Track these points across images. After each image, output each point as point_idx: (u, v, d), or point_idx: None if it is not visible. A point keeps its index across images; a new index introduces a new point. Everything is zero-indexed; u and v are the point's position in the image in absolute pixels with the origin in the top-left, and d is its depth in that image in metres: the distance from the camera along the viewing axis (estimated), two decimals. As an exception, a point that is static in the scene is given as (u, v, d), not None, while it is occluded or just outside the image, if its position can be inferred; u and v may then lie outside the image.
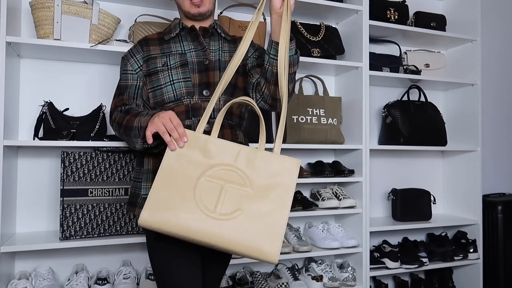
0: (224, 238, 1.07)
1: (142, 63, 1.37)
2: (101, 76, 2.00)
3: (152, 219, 1.09)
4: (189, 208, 1.09)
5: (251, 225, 1.08)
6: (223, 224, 1.08)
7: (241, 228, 1.08)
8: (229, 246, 1.07)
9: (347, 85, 2.36)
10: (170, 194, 1.10)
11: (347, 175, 2.20)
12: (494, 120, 3.06)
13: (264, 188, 1.11)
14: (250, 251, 1.08)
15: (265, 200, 1.11)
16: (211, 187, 1.11)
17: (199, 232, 1.07)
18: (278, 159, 1.14)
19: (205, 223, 1.07)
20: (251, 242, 1.07)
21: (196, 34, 1.40)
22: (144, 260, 2.03)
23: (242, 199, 1.10)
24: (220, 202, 1.10)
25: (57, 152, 1.91)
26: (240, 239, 1.07)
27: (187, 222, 1.08)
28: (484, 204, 2.65)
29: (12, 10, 1.72)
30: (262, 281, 2.02)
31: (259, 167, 1.13)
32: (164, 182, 1.12)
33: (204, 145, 1.14)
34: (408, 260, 2.29)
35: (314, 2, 2.13)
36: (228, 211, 1.09)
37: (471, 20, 2.60)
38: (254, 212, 1.09)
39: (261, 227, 1.08)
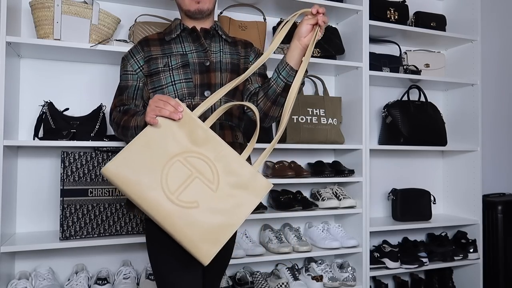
0: (171, 221, 1.09)
1: (142, 64, 1.37)
2: (101, 76, 2.00)
3: (115, 172, 1.10)
4: (152, 179, 1.10)
5: (200, 221, 1.09)
6: (176, 208, 1.09)
7: (190, 220, 1.09)
8: (172, 229, 1.09)
9: (347, 85, 2.36)
10: (141, 158, 1.11)
11: (347, 175, 2.20)
12: (494, 120, 3.06)
13: (227, 193, 1.12)
14: (187, 242, 1.09)
15: (223, 205, 1.11)
16: (181, 170, 1.11)
17: (151, 205, 1.09)
18: (253, 174, 1.15)
19: (161, 200, 1.09)
20: (192, 236, 1.09)
21: (197, 35, 1.39)
22: (144, 260, 2.03)
23: (203, 194, 1.11)
24: (183, 188, 1.10)
25: (57, 152, 1.91)
26: (184, 229, 1.09)
27: (145, 190, 1.09)
28: (484, 204, 2.65)
29: (12, 10, 1.72)
30: (262, 281, 2.02)
31: (233, 172, 1.14)
32: (141, 145, 1.13)
33: (194, 129, 1.15)
34: (408, 260, 2.29)
35: (314, 2, 2.13)
36: (186, 199, 1.10)
37: (471, 20, 2.60)
38: (209, 210, 1.10)
39: (208, 227, 1.10)
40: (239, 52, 1.46)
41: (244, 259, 1.95)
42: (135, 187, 1.10)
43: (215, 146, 1.15)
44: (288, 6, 2.18)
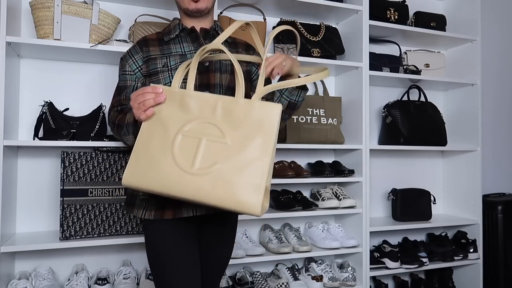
0: (204, 193, 1.05)
1: (141, 64, 1.37)
2: (101, 76, 2.00)
3: (133, 179, 1.10)
4: (167, 165, 1.08)
5: (229, 177, 1.05)
6: (201, 179, 1.05)
7: (220, 182, 1.05)
8: (210, 200, 1.05)
9: (347, 85, 2.36)
10: (149, 153, 1.10)
11: (347, 175, 2.20)
12: (494, 120, 3.06)
13: (242, 138, 1.08)
14: (231, 204, 1.04)
15: (244, 151, 1.07)
16: (189, 143, 1.09)
17: (178, 188, 1.06)
18: (257, 106, 1.10)
19: (184, 179, 1.06)
20: (231, 195, 1.04)
21: (196, 36, 1.39)
22: (144, 260, 2.03)
23: (220, 152, 1.07)
24: (198, 157, 1.07)
25: (57, 152, 1.91)
26: (219, 193, 1.04)
27: (166, 179, 1.07)
28: (484, 204, 2.65)
29: (12, 10, 1.72)
30: (262, 281, 2.02)
31: (238, 117, 1.09)
32: (143, 142, 1.12)
33: (180, 99, 1.13)
34: (408, 260, 2.29)
35: (314, 2, 2.13)
36: (205, 166, 1.06)
37: (471, 20, 2.60)
38: (233, 163, 1.06)
39: (242, 179, 1.04)
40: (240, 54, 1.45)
41: (244, 259, 1.95)
42: (157, 182, 1.08)
43: (206, 103, 1.12)
44: (288, 6, 2.18)
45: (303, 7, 2.20)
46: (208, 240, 1.41)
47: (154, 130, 1.12)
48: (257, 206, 1.03)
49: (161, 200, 1.29)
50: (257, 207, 1.03)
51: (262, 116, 1.09)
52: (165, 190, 1.07)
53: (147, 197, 1.30)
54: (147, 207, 1.31)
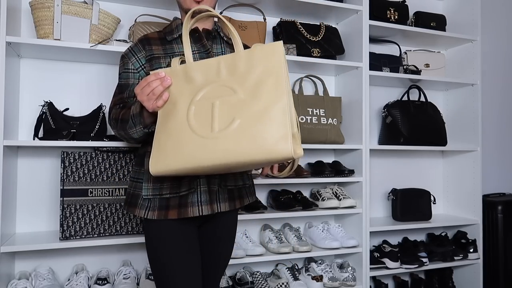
0: (232, 153, 1.01)
1: (144, 62, 1.36)
2: (101, 76, 2.00)
3: (160, 165, 1.09)
4: (187, 139, 1.06)
5: (253, 128, 1.01)
6: (225, 140, 1.02)
7: (245, 136, 1.01)
8: (240, 158, 1.01)
9: (347, 85, 2.36)
10: (168, 135, 1.09)
11: (347, 175, 2.20)
12: (494, 120, 3.06)
13: (253, 86, 1.05)
14: (262, 154, 1.00)
15: (259, 98, 1.03)
16: (203, 110, 1.07)
17: (208, 158, 1.03)
18: (258, 50, 1.07)
19: (207, 146, 1.03)
20: (260, 146, 0.99)
21: (199, 36, 1.38)
22: (144, 260, 2.03)
23: (235, 107, 1.04)
24: (215, 120, 1.05)
25: (57, 152, 1.91)
26: (247, 148, 1.00)
27: (191, 153, 1.05)
28: (484, 204, 2.65)
29: (12, 10, 1.72)
30: (262, 281, 2.02)
31: (243, 69, 1.07)
32: (161, 126, 1.12)
33: (184, 74, 1.13)
34: (408, 260, 2.29)
35: (314, 2, 2.13)
36: (225, 125, 1.03)
37: (471, 20, 2.60)
38: (251, 114, 1.02)
39: (265, 126, 1.00)
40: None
41: (244, 259, 1.95)
42: (183, 159, 1.05)
43: (210, 68, 1.11)
44: (288, 6, 2.18)
45: (303, 7, 2.20)
46: (209, 240, 1.41)
47: (168, 111, 1.11)
48: (289, 150, 0.98)
49: (164, 200, 1.29)
50: (289, 151, 0.98)
51: (266, 58, 1.05)
52: (194, 164, 1.04)
53: (150, 197, 1.30)
54: (150, 206, 1.30)
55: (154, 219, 1.30)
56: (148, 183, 1.32)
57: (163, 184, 1.30)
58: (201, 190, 1.29)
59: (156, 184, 1.30)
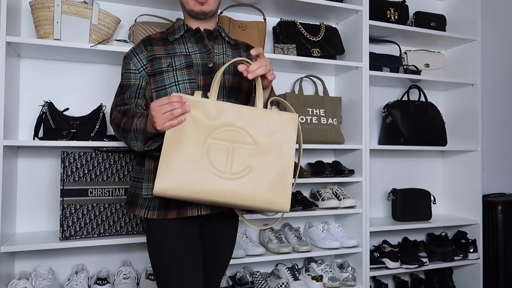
0: (238, 195, 1.13)
1: (145, 63, 1.36)
2: (101, 76, 2.00)
3: (166, 187, 1.12)
4: (201, 171, 1.13)
5: (261, 180, 1.15)
6: (235, 182, 1.13)
7: (253, 184, 1.14)
8: (244, 202, 1.14)
9: (347, 85, 2.36)
10: (180, 160, 1.13)
11: (347, 175, 2.20)
12: (494, 120, 3.06)
13: (267, 144, 1.17)
14: (263, 204, 1.15)
15: (269, 156, 1.17)
16: (219, 148, 1.15)
17: (214, 193, 1.13)
18: (276, 115, 1.20)
19: (219, 183, 1.13)
20: (263, 196, 1.14)
21: (200, 36, 1.39)
22: (144, 260, 2.03)
23: (250, 157, 1.16)
24: (229, 162, 1.14)
25: (57, 152, 1.91)
26: (252, 195, 1.14)
27: (202, 185, 1.12)
28: (484, 204, 2.65)
29: (12, 10, 1.72)
30: (262, 281, 2.02)
31: (259, 125, 1.18)
32: (171, 149, 1.14)
33: (205, 108, 1.18)
34: (408, 260, 2.29)
35: (314, 2, 2.13)
36: (238, 170, 1.14)
37: (471, 20, 2.60)
38: (262, 167, 1.16)
39: (270, 181, 1.15)
40: (241, 55, 1.46)
41: (244, 259, 1.95)
42: (191, 187, 1.12)
43: (231, 111, 1.18)
44: (288, 6, 2.18)
45: (303, 7, 2.20)
46: (210, 240, 1.41)
47: (183, 137, 1.15)
48: (286, 204, 1.17)
49: (164, 199, 1.29)
50: (286, 205, 1.17)
51: (281, 124, 1.20)
52: (202, 196, 1.13)
53: (150, 196, 1.31)
54: (150, 206, 1.31)
55: (154, 218, 1.30)
56: (148, 183, 1.32)
57: None
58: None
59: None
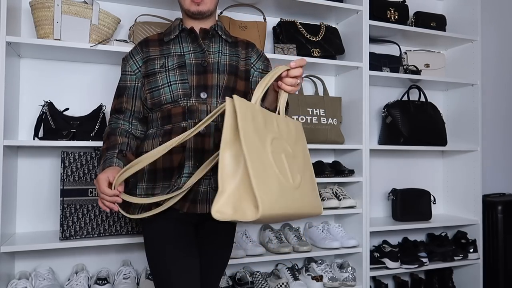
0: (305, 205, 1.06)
1: (141, 64, 1.37)
2: (101, 76, 2.00)
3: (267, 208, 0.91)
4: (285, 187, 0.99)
5: (308, 187, 1.10)
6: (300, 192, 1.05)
7: (307, 193, 1.09)
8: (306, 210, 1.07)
9: (347, 85, 2.36)
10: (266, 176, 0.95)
11: (347, 175, 2.20)
12: (494, 120, 3.06)
13: (298, 153, 1.13)
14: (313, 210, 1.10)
15: (301, 159, 1.13)
16: (277, 159, 1.01)
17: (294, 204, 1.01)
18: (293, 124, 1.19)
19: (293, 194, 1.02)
20: (313, 202, 1.11)
21: (195, 36, 1.39)
22: (144, 260, 2.03)
23: (296, 165, 1.08)
24: (290, 172, 1.04)
25: (57, 152, 1.91)
26: (309, 202, 1.09)
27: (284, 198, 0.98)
28: (484, 204, 2.65)
29: (12, 10, 1.72)
30: (262, 281, 2.02)
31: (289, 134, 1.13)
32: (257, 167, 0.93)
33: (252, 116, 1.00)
34: (408, 260, 2.29)
35: (314, 2, 2.13)
36: (298, 180, 1.06)
37: (471, 20, 2.60)
38: (304, 175, 1.11)
39: (312, 188, 1.13)
40: (239, 54, 1.45)
41: (244, 259, 1.95)
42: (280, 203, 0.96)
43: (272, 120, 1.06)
44: (288, 6, 2.18)
45: (303, 7, 2.20)
46: (207, 240, 1.41)
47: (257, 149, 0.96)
48: (321, 208, 1.16)
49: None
50: (321, 208, 1.15)
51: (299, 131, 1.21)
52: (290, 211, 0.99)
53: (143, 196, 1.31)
54: (144, 206, 1.31)
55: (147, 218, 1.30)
56: (142, 183, 1.32)
57: (156, 184, 1.30)
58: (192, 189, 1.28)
59: (149, 184, 1.31)
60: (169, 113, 1.34)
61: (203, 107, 1.33)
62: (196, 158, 1.29)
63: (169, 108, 1.34)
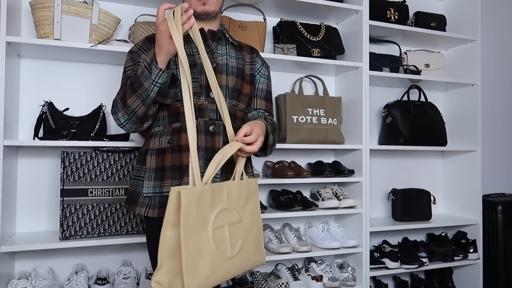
0: (244, 267, 1.24)
1: None
2: (101, 76, 2.00)
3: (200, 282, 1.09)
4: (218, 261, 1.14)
5: (250, 247, 1.26)
6: (237, 259, 1.21)
7: (248, 254, 1.25)
8: (244, 270, 1.25)
9: (347, 85, 2.36)
10: (199, 252, 1.09)
11: (347, 175, 2.20)
12: (494, 120, 3.06)
13: (245, 212, 1.25)
14: (253, 265, 1.28)
15: (247, 221, 1.26)
16: (219, 233, 1.16)
17: (230, 275, 1.20)
18: (246, 184, 1.27)
19: (230, 266, 1.19)
20: (253, 259, 1.27)
21: (204, 37, 1.40)
22: (144, 260, 2.03)
23: (240, 231, 1.23)
24: (230, 243, 1.19)
25: (57, 152, 1.91)
26: (249, 263, 1.26)
27: (222, 273, 1.16)
28: (484, 204, 2.65)
29: (12, 10, 1.72)
30: (262, 281, 2.02)
31: (238, 196, 1.24)
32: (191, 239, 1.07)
33: (198, 198, 1.11)
34: (408, 260, 2.29)
35: (314, 2, 2.13)
36: (238, 247, 1.21)
37: (471, 20, 2.60)
38: (248, 235, 1.25)
39: (254, 243, 1.27)
40: (244, 57, 1.48)
41: (244, 259, 1.95)
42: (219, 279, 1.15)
43: (221, 192, 1.19)
44: (288, 6, 2.18)
45: (303, 7, 2.20)
46: None
47: (193, 235, 1.08)
48: (263, 259, 1.32)
49: (164, 198, 1.29)
50: (262, 260, 1.32)
51: (252, 188, 1.29)
52: (222, 280, 1.17)
53: (151, 195, 1.31)
54: (151, 204, 1.31)
55: (155, 217, 1.30)
56: (149, 181, 1.32)
57: (164, 182, 1.30)
58: None
59: (156, 182, 1.31)
60: (177, 111, 1.35)
61: (213, 106, 1.35)
62: (206, 157, 1.31)
63: (177, 106, 1.34)
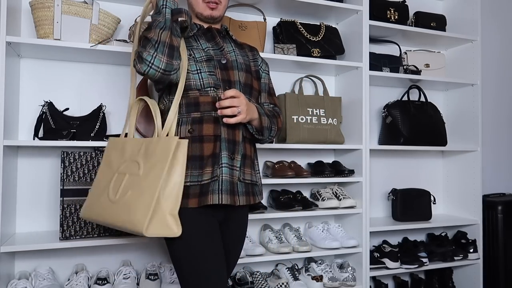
0: (116, 217, 1.25)
1: None
2: (101, 76, 2.00)
3: (85, 212, 1.39)
4: (101, 198, 1.33)
5: (131, 202, 1.22)
6: (116, 206, 1.26)
7: (125, 207, 1.23)
8: (117, 223, 1.24)
9: (347, 85, 2.36)
10: (96, 191, 1.38)
11: (347, 175, 2.20)
12: (494, 120, 3.06)
13: (148, 168, 1.25)
14: (126, 224, 1.20)
15: (147, 178, 1.23)
16: (119, 178, 1.31)
17: (104, 215, 1.29)
18: (163, 140, 1.26)
19: (108, 207, 1.29)
20: (128, 217, 1.21)
21: (212, 35, 1.44)
22: (144, 260, 2.03)
23: (133, 182, 1.26)
24: (120, 189, 1.28)
25: (57, 152, 1.91)
26: (122, 216, 1.23)
27: (98, 209, 1.33)
28: (484, 204, 2.65)
29: (12, 10, 1.71)
30: (262, 281, 2.02)
31: (151, 151, 1.27)
32: (95, 184, 1.41)
33: (122, 147, 1.38)
34: (408, 260, 2.29)
35: (314, 2, 2.13)
36: (121, 195, 1.26)
37: (471, 20, 2.61)
38: (137, 190, 1.23)
39: (137, 202, 1.20)
40: (247, 55, 1.53)
41: (244, 259, 1.95)
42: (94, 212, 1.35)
43: (137, 146, 1.33)
44: (288, 6, 2.18)
45: (303, 7, 2.20)
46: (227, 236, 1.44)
47: (103, 173, 1.40)
48: (141, 224, 1.16)
49: (185, 188, 1.30)
50: (141, 225, 1.16)
51: (164, 147, 1.24)
52: (98, 218, 1.32)
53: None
54: None
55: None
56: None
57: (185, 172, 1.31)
58: (223, 179, 1.32)
59: None
60: (197, 100, 1.36)
61: None
62: (229, 148, 1.35)
63: (196, 96, 1.36)
